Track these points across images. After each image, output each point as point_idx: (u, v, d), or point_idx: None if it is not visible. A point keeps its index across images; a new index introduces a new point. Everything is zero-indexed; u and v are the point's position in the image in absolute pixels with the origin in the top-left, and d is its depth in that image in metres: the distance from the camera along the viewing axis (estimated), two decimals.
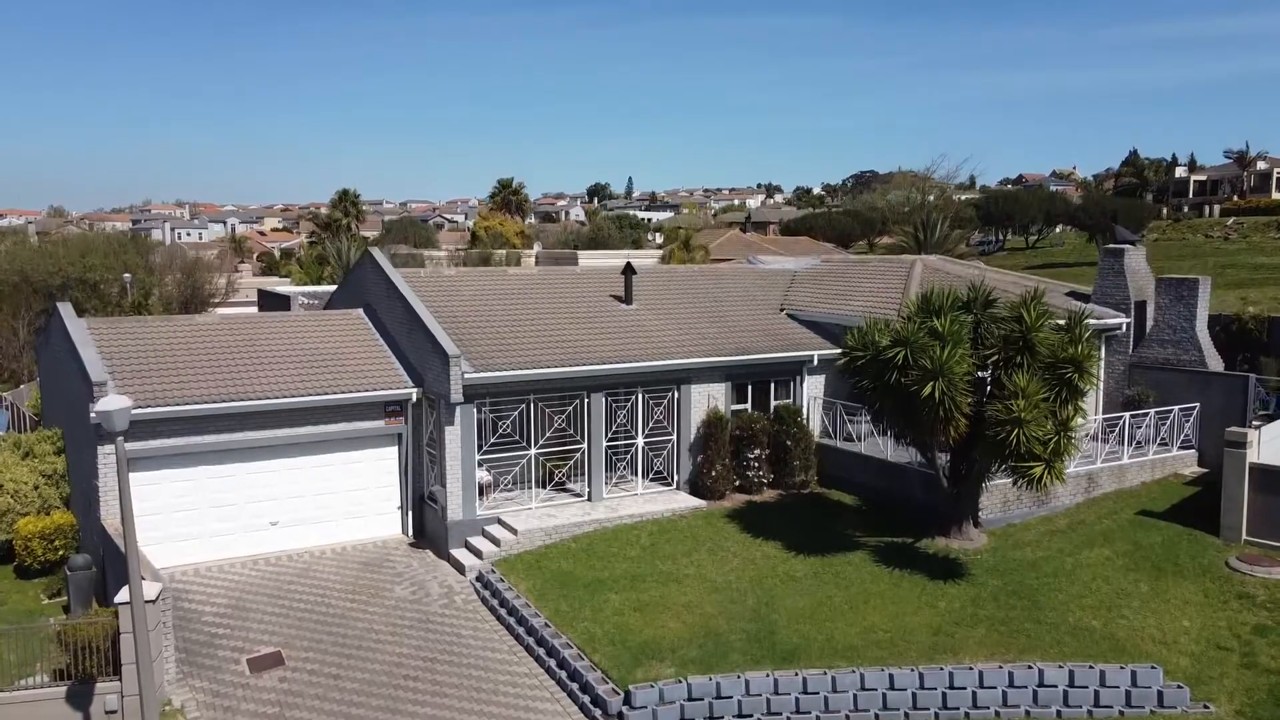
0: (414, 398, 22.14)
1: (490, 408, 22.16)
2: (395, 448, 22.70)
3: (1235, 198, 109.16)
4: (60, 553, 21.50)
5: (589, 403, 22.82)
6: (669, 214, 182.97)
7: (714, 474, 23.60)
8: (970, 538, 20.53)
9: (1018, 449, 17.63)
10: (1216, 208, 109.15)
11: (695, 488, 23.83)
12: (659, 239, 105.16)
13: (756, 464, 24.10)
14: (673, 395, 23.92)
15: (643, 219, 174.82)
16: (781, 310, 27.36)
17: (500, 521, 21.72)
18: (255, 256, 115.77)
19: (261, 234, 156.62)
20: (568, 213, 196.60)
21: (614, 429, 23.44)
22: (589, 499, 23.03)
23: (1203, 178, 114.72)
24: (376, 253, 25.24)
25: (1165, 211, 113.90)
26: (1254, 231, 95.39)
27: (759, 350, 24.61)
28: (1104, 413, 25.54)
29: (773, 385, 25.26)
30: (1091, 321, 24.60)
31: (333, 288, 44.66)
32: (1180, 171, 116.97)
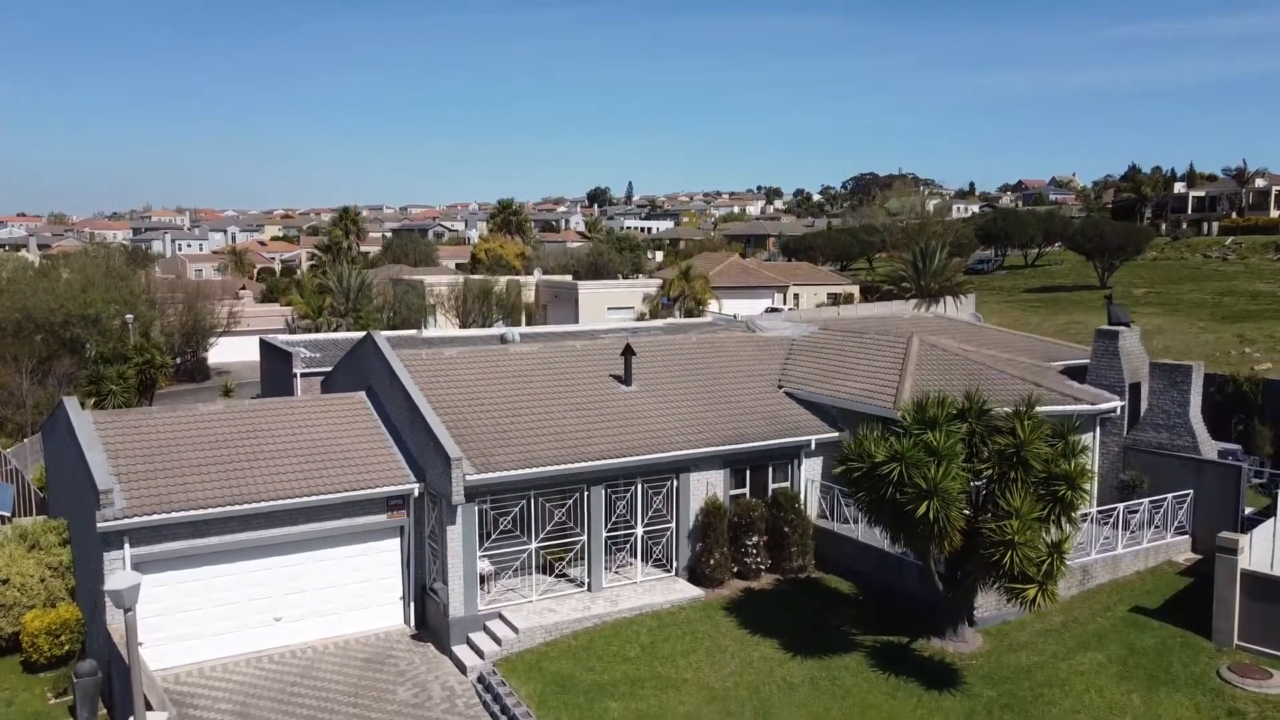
0: (416, 492, 22.37)
1: (491, 504, 22.39)
2: (397, 539, 22.94)
3: (1234, 215, 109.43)
4: (66, 648, 21.79)
5: (589, 495, 23.07)
6: (669, 223, 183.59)
7: (712, 562, 23.86)
8: (965, 639, 20.78)
9: (1011, 570, 17.89)
10: (1215, 225, 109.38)
11: (694, 575, 24.09)
12: (659, 257, 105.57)
13: (754, 550, 24.38)
14: (672, 483, 24.18)
15: (642, 230, 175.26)
16: (780, 387, 27.60)
17: (501, 617, 21.97)
18: (256, 274, 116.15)
19: (262, 244, 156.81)
20: (568, 220, 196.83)
21: (614, 519, 23.68)
22: (589, 589, 23.28)
23: (1201, 193, 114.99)
24: (378, 338, 25.45)
25: (1164, 227, 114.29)
26: (1252, 252, 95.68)
27: (758, 437, 24.86)
28: (1099, 494, 25.81)
29: (771, 468, 25.52)
30: (1086, 407, 24.98)
31: (334, 335, 44.99)
32: (1179, 187, 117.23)
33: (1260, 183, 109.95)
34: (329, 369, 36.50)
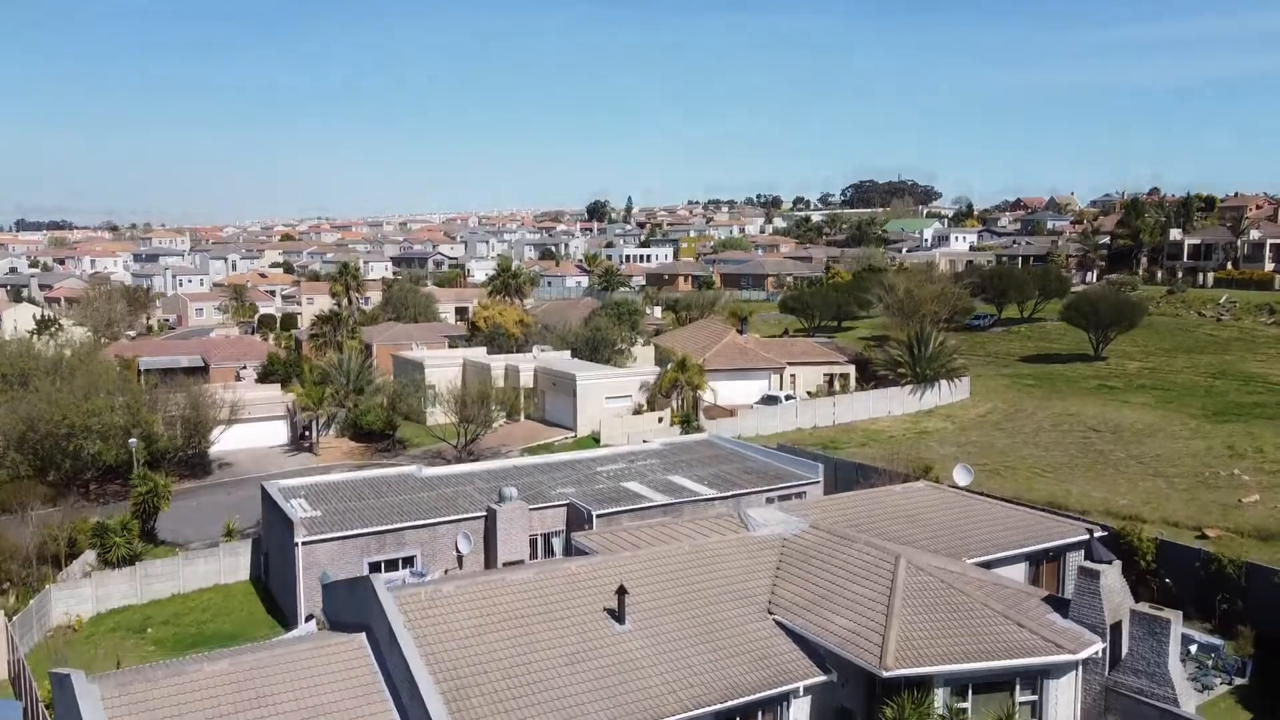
0: None
1: None
2: None
3: (1229, 265, 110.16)
4: None
5: None
6: (668, 249, 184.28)
7: None
8: None
9: None
10: (1210, 276, 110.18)
11: None
12: (657, 313, 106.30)
13: None
14: None
15: (642, 259, 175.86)
16: (770, 613, 28.29)
17: None
18: (258, 322, 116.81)
19: (262, 275, 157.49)
20: (567, 246, 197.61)
21: None
22: None
23: (1197, 241, 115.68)
24: (379, 586, 26.10)
25: (1160, 275, 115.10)
26: (1246, 313, 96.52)
27: (747, 689, 25.45)
28: None
29: (760, 712, 26.23)
30: (1068, 657, 25.75)
31: (334, 479, 45.61)
32: (1175, 234, 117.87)
33: (1255, 234, 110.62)
34: (331, 536, 37.53)
